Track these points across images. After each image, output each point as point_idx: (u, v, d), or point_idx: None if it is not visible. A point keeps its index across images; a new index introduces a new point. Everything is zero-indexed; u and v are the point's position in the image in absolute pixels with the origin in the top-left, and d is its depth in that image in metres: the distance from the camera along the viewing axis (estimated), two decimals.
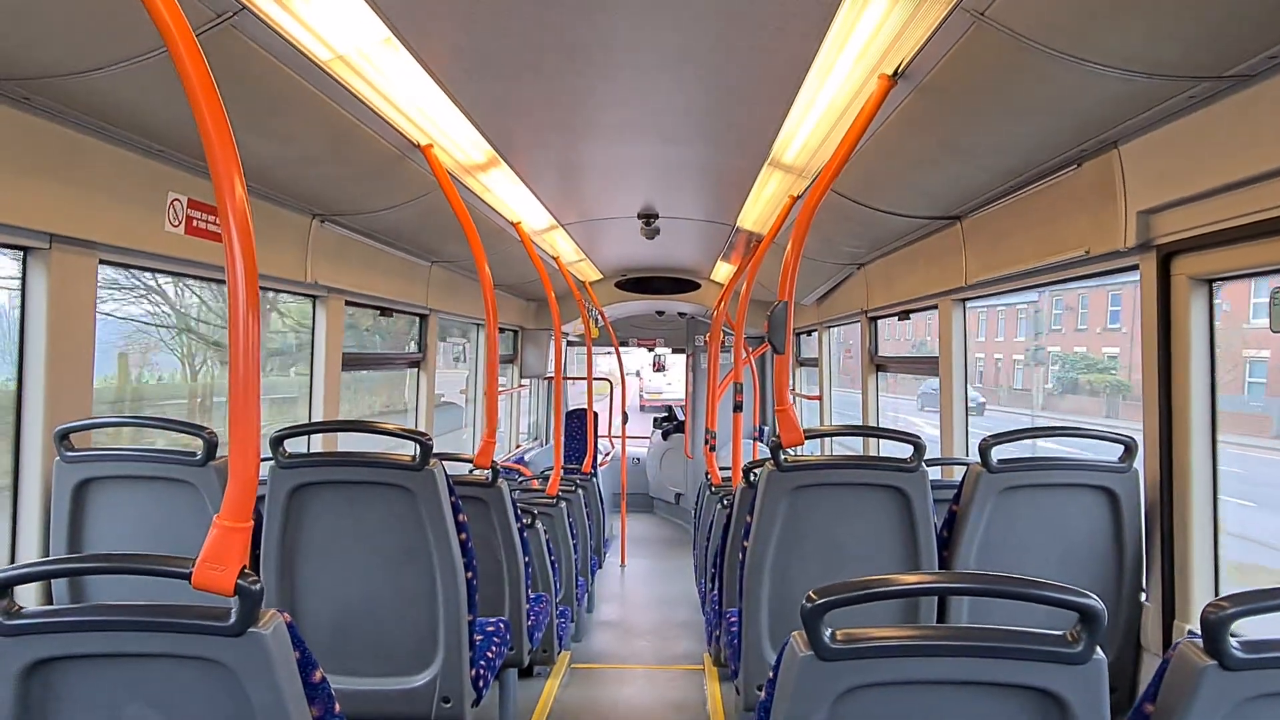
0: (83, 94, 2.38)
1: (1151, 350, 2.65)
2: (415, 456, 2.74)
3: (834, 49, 2.50)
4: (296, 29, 2.28)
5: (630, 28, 2.52)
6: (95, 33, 2.06)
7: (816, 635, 1.42)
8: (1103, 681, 1.43)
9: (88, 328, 2.78)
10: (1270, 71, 1.97)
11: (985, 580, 1.59)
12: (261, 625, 1.48)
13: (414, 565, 2.80)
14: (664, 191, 5.04)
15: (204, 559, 1.52)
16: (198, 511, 2.69)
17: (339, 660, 2.81)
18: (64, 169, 2.58)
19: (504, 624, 3.54)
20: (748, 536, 2.96)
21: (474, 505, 3.61)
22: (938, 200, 3.71)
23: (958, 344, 4.41)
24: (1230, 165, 2.16)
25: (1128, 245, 2.64)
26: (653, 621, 7.18)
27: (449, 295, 6.21)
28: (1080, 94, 2.27)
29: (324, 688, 1.64)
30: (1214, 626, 1.35)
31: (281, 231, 3.84)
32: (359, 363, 5.45)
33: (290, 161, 3.25)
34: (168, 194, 3.01)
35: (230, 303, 1.58)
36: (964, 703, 1.46)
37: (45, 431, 2.65)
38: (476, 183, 4.20)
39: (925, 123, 2.75)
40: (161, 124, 2.68)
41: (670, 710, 4.99)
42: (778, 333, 2.94)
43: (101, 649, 1.49)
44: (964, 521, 2.88)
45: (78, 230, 2.66)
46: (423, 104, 3.01)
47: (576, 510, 6.24)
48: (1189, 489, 2.57)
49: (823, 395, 7.69)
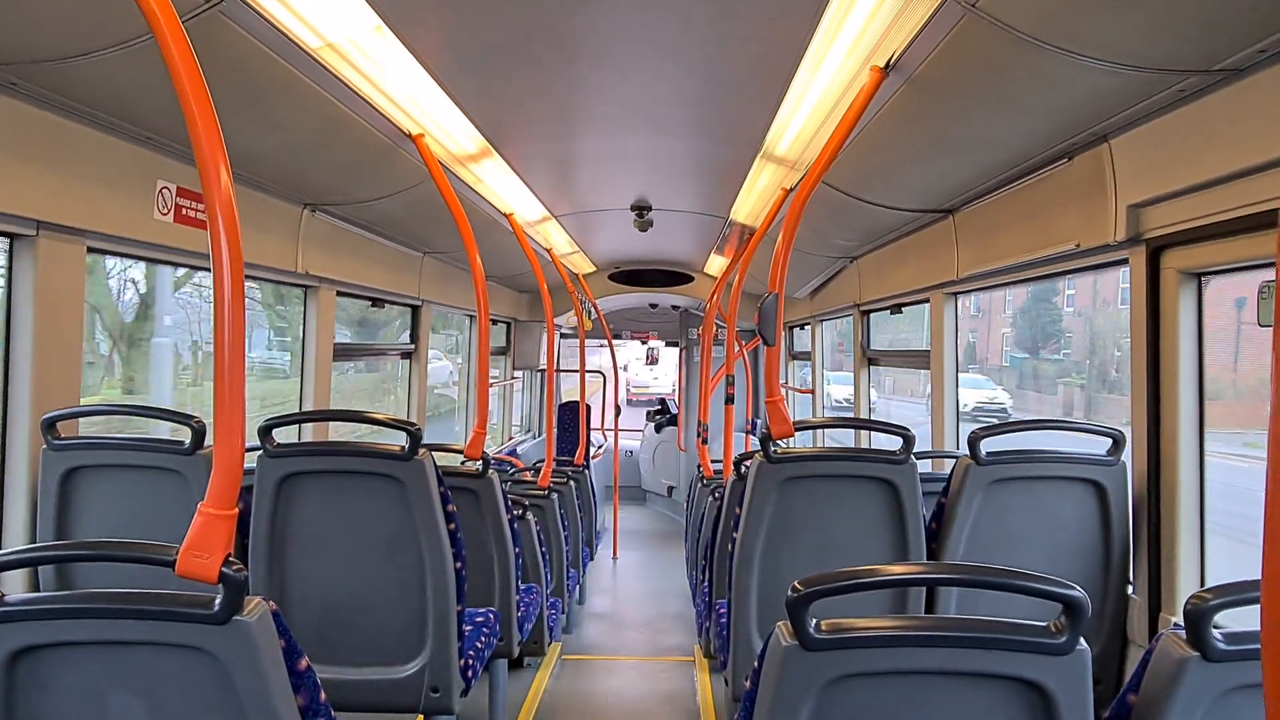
0: (70, 80, 2.36)
1: (1140, 344, 2.66)
2: (405, 447, 2.74)
3: (826, 40, 2.50)
4: (286, 16, 2.26)
5: (622, 18, 2.51)
6: (82, 17, 2.05)
7: (801, 625, 1.43)
8: (1086, 672, 1.44)
9: (76, 315, 2.76)
10: (1259, 65, 1.97)
11: (968, 571, 1.60)
12: (246, 613, 1.48)
13: (403, 555, 2.80)
14: (657, 183, 5.04)
15: (188, 546, 1.52)
16: (186, 500, 2.69)
17: (327, 650, 2.81)
18: (52, 155, 2.56)
19: (494, 615, 3.54)
20: (737, 528, 2.97)
21: (464, 496, 3.61)
22: (929, 193, 3.71)
23: (949, 337, 4.41)
24: (1219, 159, 2.17)
25: (1117, 239, 2.65)
26: (644, 613, 7.19)
27: (442, 286, 6.19)
28: (1071, 87, 2.27)
29: (309, 676, 1.64)
30: (1196, 618, 1.36)
31: (272, 221, 3.82)
32: (350, 354, 5.43)
33: (280, 150, 3.23)
34: (156, 182, 2.99)
35: (215, 291, 1.58)
36: (949, 693, 1.47)
37: (32, 420, 2.64)
38: (469, 173, 4.18)
39: (917, 116, 2.75)
40: (150, 111, 2.66)
41: (660, 702, 5.00)
42: (768, 325, 2.94)
43: (86, 636, 1.49)
44: (952, 514, 2.89)
45: (65, 217, 2.64)
46: (414, 93, 2.99)
47: (568, 502, 6.24)
48: (1176, 483, 2.58)
49: (815, 388, 7.70)
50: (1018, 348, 19.71)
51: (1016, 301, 18.68)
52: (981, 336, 20.41)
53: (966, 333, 20.42)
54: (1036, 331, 18.55)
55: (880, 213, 4.10)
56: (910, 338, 6.30)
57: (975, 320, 20.14)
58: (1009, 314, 19.91)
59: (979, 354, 20.27)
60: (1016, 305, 19.09)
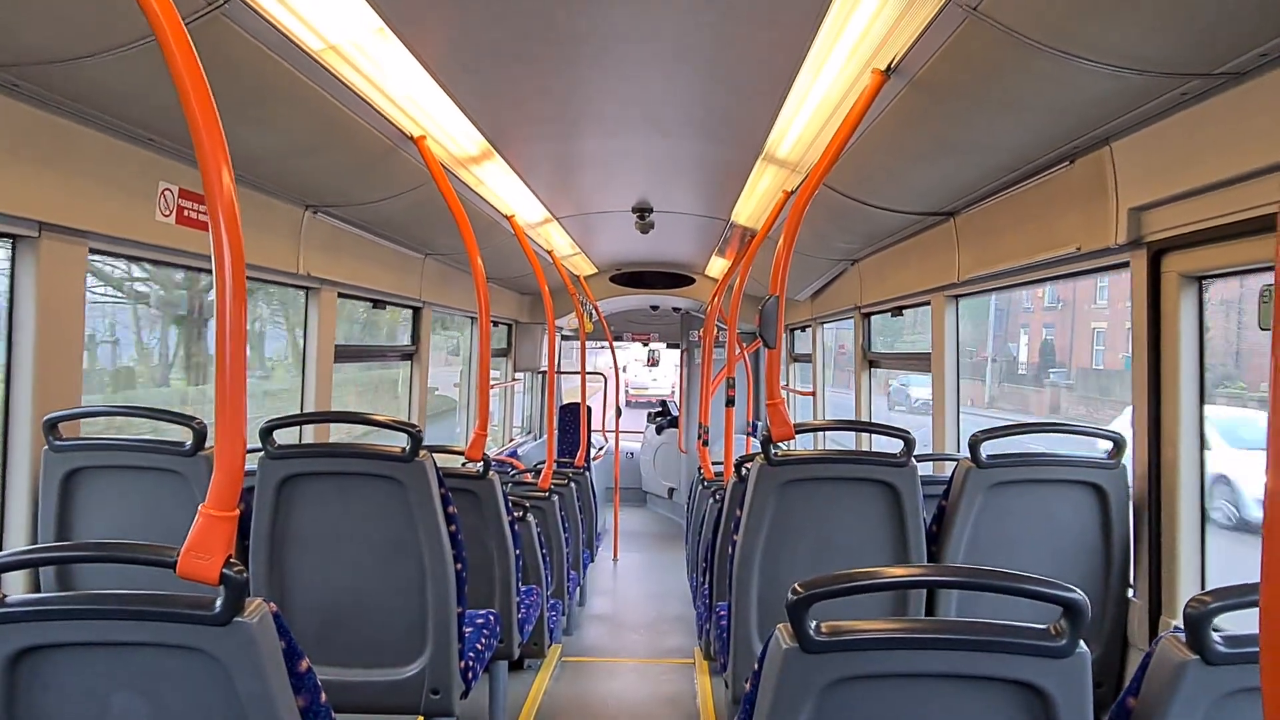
0: (73, 82, 2.37)
1: (1141, 347, 2.66)
2: (406, 448, 2.74)
3: (827, 43, 2.50)
4: (288, 18, 2.27)
5: (624, 19, 2.51)
6: (85, 20, 2.05)
7: (801, 627, 1.42)
8: (1086, 675, 1.44)
9: (77, 316, 2.77)
10: (1261, 69, 1.97)
11: (968, 574, 1.60)
12: (247, 615, 1.48)
13: (403, 557, 2.80)
14: (659, 185, 5.04)
15: (189, 548, 1.52)
16: (187, 502, 2.69)
17: (328, 651, 2.81)
18: (54, 157, 2.57)
19: (494, 616, 3.54)
20: (738, 530, 2.97)
21: (465, 498, 3.61)
22: (931, 196, 3.71)
23: (950, 340, 4.42)
24: (1220, 163, 2.17)
25: (1119, 242, 2.65)
26: (644, 615, 7.19)
27: (443, 288, 6.19)
28: (1072, 90, 2.27)
29: (310, 678, 1.64)
30: (1196, 621, 1.35)
31: (273, 222, 3.82)
32: (352, 355, 5.44)
33: (282, 152, 3.23)
34: (159, 183, 3.00)
35: (217, 292, 1.58)
36: (948, 695, 1.47)
37: (34, 421, 2.64)
38: (470, 175, 4.19)
39: (918, 118, 2.75)
40: (153, 113, 2.66)
41: (661, 704, 5.00)
42: (769, 327, 2.94)
43: (87, 637, 1.49)
44: (953, 517, 2.89)
45: (67, 219, 2.65)
46: (416, 95, 3.00)
47: (569, 504, 6.24)
48: (1176, 486, 2.58)
49: (816, 391, 7.70)
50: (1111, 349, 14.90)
51: (1116, 286, 13.51)
52: (1061, 333, 16.20)
53: (1040, 328, 17.61)
54: None
55: (881, 215, 4.10)
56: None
57: (1053, 312, 16.05)
58: (1102, 303, 15.22)
59: (1058, 354, 16.05)
60: (1115, 291, 14.19)
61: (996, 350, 16.38)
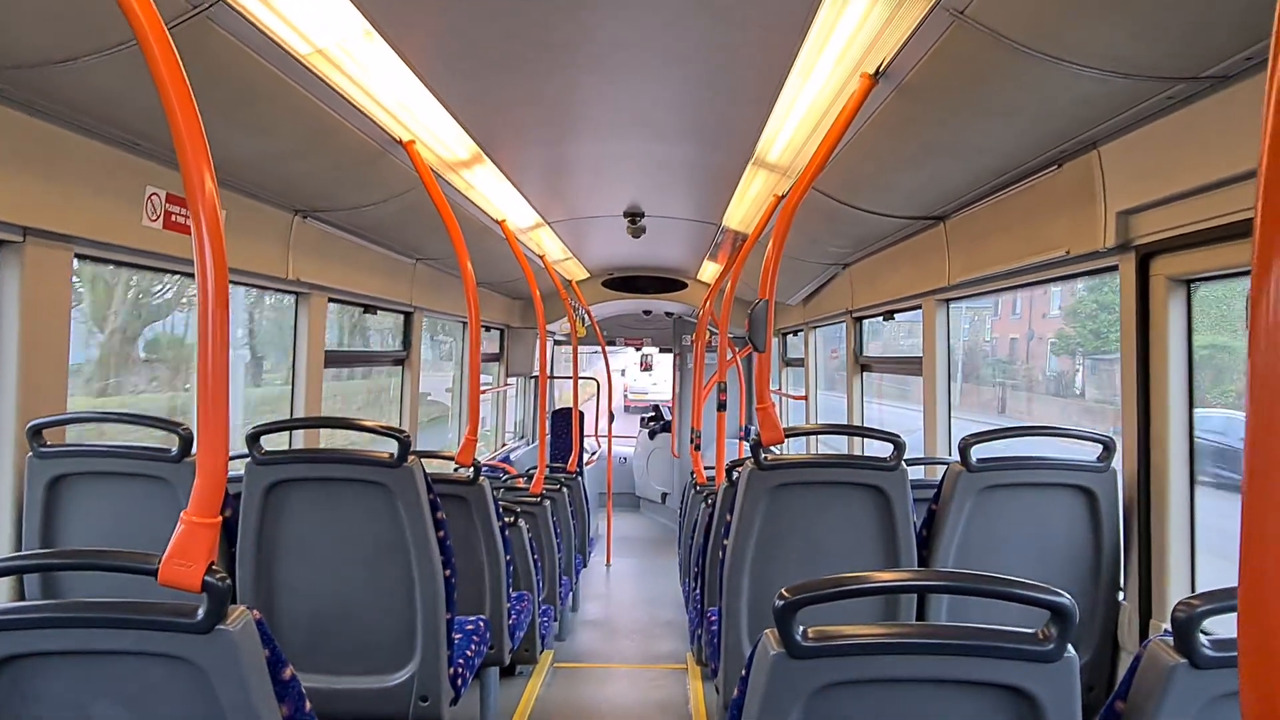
0: (57, 85, 2.35)
1: (1130, 350, 2.66)
2: (394, 454, 2.73)
3: (816, 47, 2.50)
4: (274, 22, 2.25)
5: (613, 23, 2.51)
6: (68, 22, 2.04)
7: (788, 633, 1.41)
8: (1074, 679, 1.43)
9: (62, 322, 2.74)
10: (1247, 73, 1.98)
11: (956, 578, 1.59)
12: (230, 623, 1.47)
13: (392, 563, 2.78)
14: (650, 190, 5.04)
15: (171, 555, 1.50)
16: (173, 508, 2.65)
17: (315, 658, 2.79)
18: (39, 161, 2.54)
19: (484, 622, 3.52)
20: (728, 535, 2.96)
21: (455, 503, 3.59)
22: (920, 200, 3.72)
23: (941, 344, 4.42)
24: (1208, 166, 2.17)
25: (1107, 246, 2.65)
26: (637, 621, 7.17)
27: (434, 293, 6.18)
28: (1060, 94, 2.27)
29: (294, 685, 1.62)
30: (1184, 625, 1.35)
31: (262, 227, 3.80)
32: (342, 360, 5.41)
33: (270, 156, 3.22)
34: (146, 188, 2.98)
35: (199, 297, 1.56)
36: (937, 700, 1.46)
37: (18, 427, 2.62)
38: (460, 179, 4.17)
39: (907, 122, 2.75)
40: (139, 117, 2.65)
41: (653, 709, 4.98)
42: (758, 331, 2.94)
43: (68, 645, 1.47)
44: (943, 520, 2.88)
45: (53, 224, 2.63)
46: (404, 99, 2.99)
47: (561, 509, 6.22)
48: (1166, 489, 2.58)
49: (808, 395, 7.70)
50: None
51: None
52: (1023, 343, 17.40)
53: (1008, 340, 17.97)
54: None
55: (871, 219, 4.10)
56: None
57: (1016, 322, 16.75)
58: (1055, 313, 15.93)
59: (1017, 361, 16.95)
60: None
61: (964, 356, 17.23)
